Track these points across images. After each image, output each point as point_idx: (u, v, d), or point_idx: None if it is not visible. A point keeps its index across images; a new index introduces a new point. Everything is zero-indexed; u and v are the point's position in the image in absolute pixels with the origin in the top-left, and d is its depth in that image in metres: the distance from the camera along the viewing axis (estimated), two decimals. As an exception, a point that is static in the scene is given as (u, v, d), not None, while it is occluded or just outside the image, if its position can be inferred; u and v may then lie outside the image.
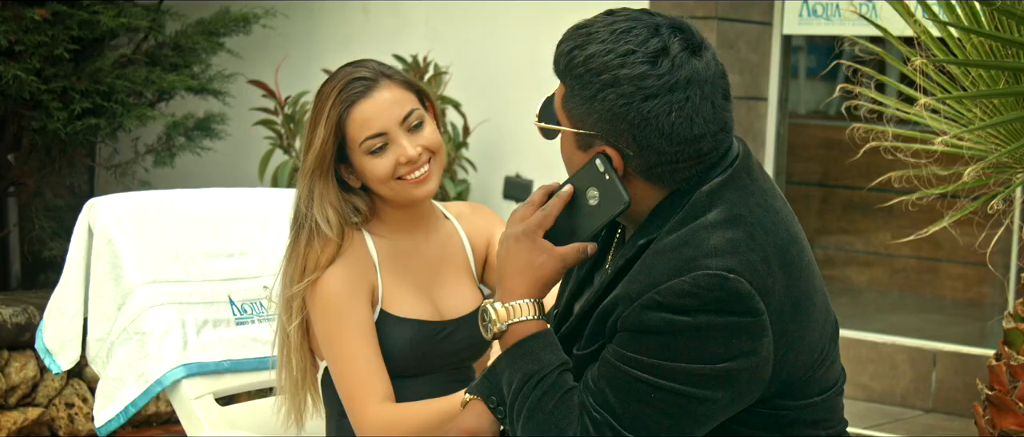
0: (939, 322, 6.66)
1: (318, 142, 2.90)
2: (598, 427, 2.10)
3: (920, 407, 5.70)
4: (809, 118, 7.00)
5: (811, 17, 5.90)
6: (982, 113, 3.37)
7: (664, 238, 2.14)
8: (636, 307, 2.09)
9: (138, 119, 5.76)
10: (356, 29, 6.90)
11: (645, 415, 2.09)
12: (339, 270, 2.89)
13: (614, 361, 2.11)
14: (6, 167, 6.04)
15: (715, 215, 2.14)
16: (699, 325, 2.06)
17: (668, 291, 2.06)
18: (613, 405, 2.10)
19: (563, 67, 2.17)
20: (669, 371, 2.07)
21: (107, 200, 3.30)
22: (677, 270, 2.08)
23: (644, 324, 2.08)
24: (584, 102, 2.14)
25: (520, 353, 2.20)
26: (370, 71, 2.95)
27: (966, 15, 3.36)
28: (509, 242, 2.23)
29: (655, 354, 2.07)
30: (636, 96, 2.11)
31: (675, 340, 2.06)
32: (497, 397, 2.24)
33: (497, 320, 2.23)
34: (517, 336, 2.22)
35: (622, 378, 2.10)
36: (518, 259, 2.22)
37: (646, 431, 2.09)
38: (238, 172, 6.94)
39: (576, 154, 2.21)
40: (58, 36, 5.56)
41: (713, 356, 2.06)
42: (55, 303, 3.33)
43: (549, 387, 2.16)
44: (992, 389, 3.45)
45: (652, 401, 2.08)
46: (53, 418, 5.40)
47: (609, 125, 2.14)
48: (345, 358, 2.87)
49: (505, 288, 2.23)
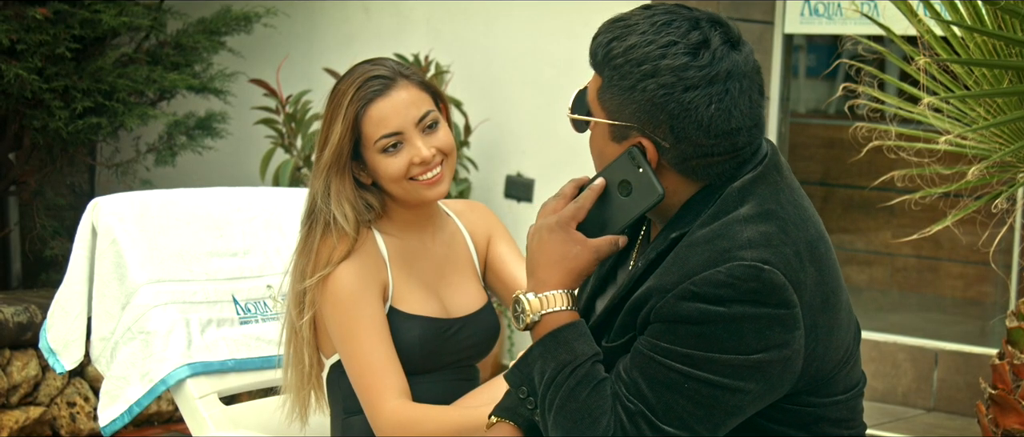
0: (940, 321, 6.66)
1: (335, 138, 2.91)
2: (632, 417, 2.11)
3: (922, 406, 5.70)
4: (810, 117, 7.00)
5: (813, 16, 5.90)
6: (985, 112, 3.37)
7: (696, 231, 2.15)
8: (671, 298, 2.10)
9: (139, 118, 5.76)
10: (357, 28, 6.90)
11: (678, 405, 2.10)
12: (351, 266, 2.90)
13: (648, 352, 2.12)
14: (7, 166, 6.04)
15: (747, 210, 2.15)
16: (734, 316, 2.07)
17: (703, 281, 2.08)
18: (647, 395, 2.11)
19: (601, 58, 2.18)
20: (703, 361, 2.08)
21: (111, 199, 3.30)
22: (712, 261, 2.09)
23: (679, 314, 2.09)
24: (622, 93, 2.16)
25: (554, 343, 2.20)
26: (388, 70, 2.96)
27: (969, 14, 3.36)
28: (542, 233, 2.24)
29: (689, 344, 2.09)
30: (677, 87, 2.13)
31: (710, 330, 2.08)
32: (528, 387, 2.23)
33: (530, 310, 2.22)
34: (550, 326, 2.22)
35: (656, 368, 2.11)
36: (552, 250, 2.23)
37: (679, 421, 2.10)
38: (239, 171, 6.94)
39: (609, 146, 2.22)
40: (60, 35, 5.56)
41: (747, 347, 2.08)
42: (59, 303, 3.33)
43: (582, 377, 2.16)
44: (995, 388, 3.45)
45: (685, 391, 2.09)
46: (55, 417, 5.40)
47: (647, 116, 2.15)
48: (361, 354, 2.87)
49: (538, 278, 2.23)
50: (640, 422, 2.11)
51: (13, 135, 5.85)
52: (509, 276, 3.16)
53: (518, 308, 2.24)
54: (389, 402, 2.85)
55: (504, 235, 3.21)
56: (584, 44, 6.48)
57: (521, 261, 3.19)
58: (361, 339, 2.88)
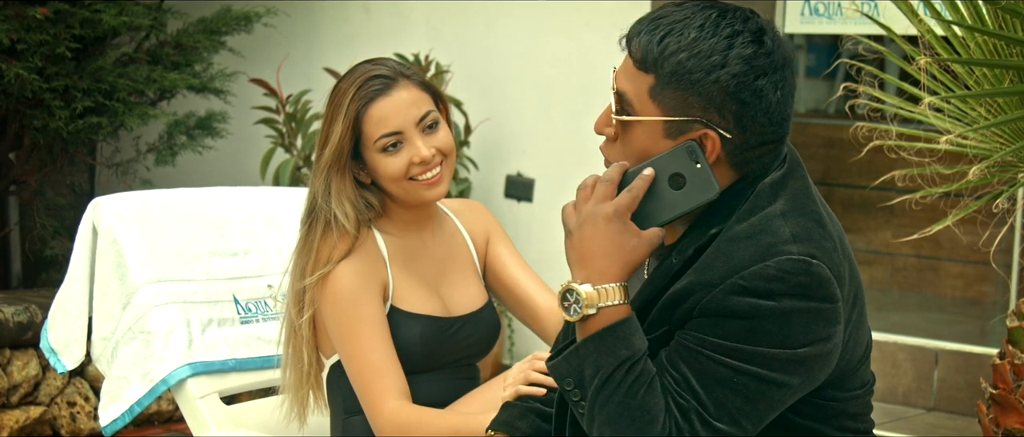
0: (941, 321, 6.66)
1: (336, 137, 2.92)
2: (685, 414, 2.11)
3: (922, 406, 5.70)
4: (810, 117, 7.00)
5: (813, 16, 5.90)
6: (986, 112, 3.37)
7: (733, 227, 2.16)
8: (719, 292, 2.10)
9: (140, 118, 5.76)
10: (357, 28, 6.90)
11: (727, 400, 2.11)
12: (351, 266, 2.91)
13: (695, 347, 2.12)
14: (7, 166, 6.04)
15: (782, 205, 2.17)
16: (783, 310, 2.09)
17: (753, 276, 2.09)
18: (698, 391, 2.11)
19: (654, 58, 2.16)
20: (751, 356, 2.09)
21: (111, 199, 3.30)
22: (758, 256, 2.10)
23: (728, 309, 2.10)
24: (686, 87, 2.14)
25: (613, 338, 2.15)
26: (389, 70, 2.97)
27: (970, 14, 3.36)
28: (597, 221, 2.16)
29: (738, 338, 2.09)
30: (749, 75, 2.13)
31: (760, 324, 2.09)
32: (575, 379, 2.17)
33: (587, 303, 2.15)
34: (608, 320, 2.16)
35: (705, 363, 2.11)
36: (609, 240, 2.16)
37: (728, 417, 2.11)
38: (239, 171, 6.94)
39: (660, 144, 2.19)
40: (60, 35, 5.56)
41: (794, 341, 2.10)
42: (60, 303, 3.33)
43: (639, 374, 2.13)
44: (996, 388, 3.45)
45: (735, 386, 2.10)
46: (55, 417, 5.40)
47: (716, 106, 2.14)
48: (360, 353, 2.87)
49: (596, 269, 2.16)
50: (694, 419, 2.11)
51: (13, 135, 5.85)
52: (510, 278, 3.16)
53: (571, 298, 2.17)
54: (389, 402, 2.85)
55: (502, 236, 3.21)
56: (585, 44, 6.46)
57: (520, 263, 3.19)
58: (361, 338, 2.88)
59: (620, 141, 2.22)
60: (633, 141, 2.21)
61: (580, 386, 2.17)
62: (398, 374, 2.88)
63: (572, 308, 2.16)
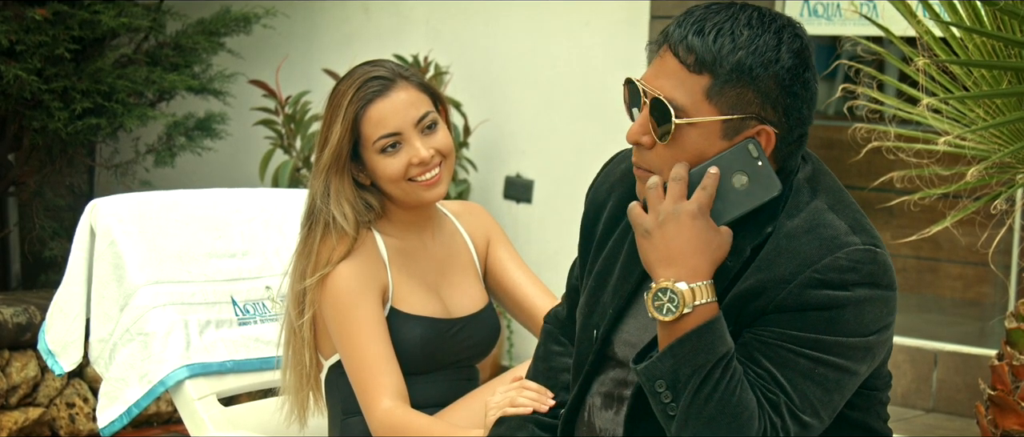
0: (940, 322, 6.65)
1: (335, 139, 2.93)
2: (776, 408, 2.14)
3: (921, 407, 5.70)
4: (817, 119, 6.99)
5: (812, 17, 5.89)
6: (984, 113, 3.37)
7: (785, 224, 2.19)
8: (795, 287, 2.13)
9: (139, 119, 5.76)
10: (357, 29, 6.90)
11: (809, 391, 2.15)
12: (350, 267, 2.91)
13: (775, 342, 2.15)
14: (7, 167, 6.04)
15: (825, 200, 2.21)
16: (858, 299, 2.13)
17: (827, 268, 2.12)
18: (783, 384, 2.14)
19: (713, 58, 2.17)
20: (830, 346, 2.13)
21: (109, 201, 3.30)
22: (826, 249, 2.14)
23: (806, 302, 2.13)
24: (744, 85, 2.17)
25: (711, 336, 2.14)
26: (388, 71, 2.98)
27: (968, 15, 3.36)
28: (682, 218, 2.16)
29: (817, 330, 2.13)
30: (799, 67, 2.19)
31: (837, 315, 2.13)
32: (668, 381, 2.15)
33: (684, 302, 2.14)
34: (704, 318, 2.15)
35: (786, 357, 2.14)
36: (697, 237, 2.16)
37: (811, 409, 2.15)
38: (238, 172, 6.93)
39: (717, 144, 2.20)
40: (59, 36, 5.56)
41: (866, 328, 2.15)
42: (57, 304, 3.33)
43: (734, 371, 2.14)
44: (994, 389, 3.45)
45: (815, 377, 2.14)
46: (54, 418, 5.39)
47: (771, 102, 2.18)
48: (358, 352, 2.88)
49: (687, 267, 2.15)
50: (784, 413, 2.14)
51: (12, 136, 5.85)
52: (509, 281, 3.16)
53: (664, 298, 2.15)
54: (383, 401, 2.85)
55: (502, 239, 3.21)
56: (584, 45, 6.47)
57: (520, 266, 3.19)
58: (359, 337, 2.88)
59: (669, 147, 2.20)
60: (687, 144, 2.20)
61: (673, 387, 2.15)
62: (394, 373, 2.88)
63: (665, 308, 2.15)
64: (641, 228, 2.19)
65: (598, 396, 2.41)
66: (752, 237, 2.21)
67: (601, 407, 2.40)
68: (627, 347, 2.36)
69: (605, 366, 2.41)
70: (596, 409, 2.41)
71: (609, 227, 2.45)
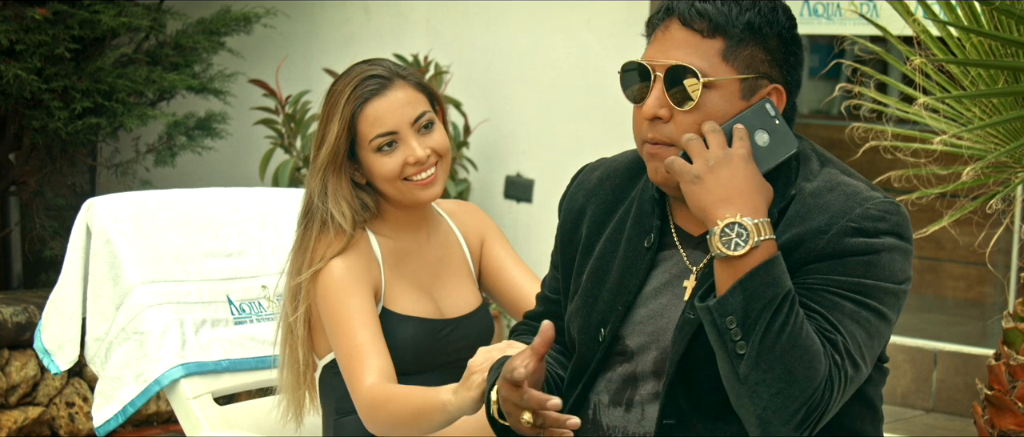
0: (941, 322, 6.65)
1: (332, 137, 2.93)
2: (836, 347, 2.19)
3: (921, 407, 5.69)
4: (812, 117, 6.99)
5: (812, 17, 5.89)
6: (981, 113, 3.36)
7: (805, 186, 2.27)
8: (833, 236, 2.20)
9: (139, 118, 5.76)
10: (357, 28, 6.90)
11: (857, 335, 2.21)
12: (344, 261, 2.92)
13: (821, 287, 2.20)
14: (7, 166, 6.04)
15: (835, 168, 2.32)
16: (889, 247, 2.22)
17: (861, 217, 2.20)
18: (836, 324, 2.19)
19: (725, 20, 2.25)
20: (871, 290, 2.21)
21: (105, 200, 3.30)
22: (854, 202, 2.22)
23: (845, 249, 2.20)
24: (756, 43, 2.27)
25: (777, 269, 2.17)
26: (385, 70, 2.98)
27: (966, 15, 3.35)
28: (735, 161, 2.20)
29: (858, 274, 2.20)
30: (793, 24, 2.31)
31: (874, 260, 2.20)
32: (739, 317, 2.16)
33: (754, 234, 2.16)
34: (769, 252, 2.18)
35: (833, 300, 2.20)
36: (752, 178, 2.21)
37: (858, 352, 2.21)
38: (239, 171, 6.94)
39: (737, 105, 2.27)
40: (59, 35, 5.56)
41: (897, 276, 2.23)
42: (53, 303, 3.33)
43: (799, 308, 2.19)
44: (991, 389, 3.44)
45: (860, 319, 2.21)
46: (54, 417, 5.40)
47: (778, 60, 2.29)
48: (347, 337, 2.88)
49: (748, 204, 2.18)
50: (843, 352, 2.19)
51: (13, 135, 5.86)
52: (506, 279, 3.16)
53: (731, 232, 2.16)
54: (368, 381, 2.84)
55: (498, 237, 3.21)
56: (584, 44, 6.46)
57: (518, 263, 3.19)
58: (349, 325, 2.88)
59: (692, 112, 2.26)
60: (710, 107, 2.26)
61: (743, 324, 2.16)
62: (381, 356, 2.87)
63: (734, 243, 2.17)
64: (690, 175, 2.21)
65: (605, 394, 2.42)
66: (777, 200, 2.26)
67: (609, 405, 2.41)
68: (642, 336, 2.38)
69: (612, 363, 2.42)
70: (603, 407, 2.41)
71: (594, 231, 2.48)
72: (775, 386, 2.14)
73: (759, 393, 2.15)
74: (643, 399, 2.38)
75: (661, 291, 2.38)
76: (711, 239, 2.17)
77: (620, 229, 2.43)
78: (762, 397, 2.15)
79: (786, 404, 2.15)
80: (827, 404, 2.17)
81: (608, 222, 2.46)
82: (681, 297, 2.36)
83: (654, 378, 2.37)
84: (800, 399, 2.14)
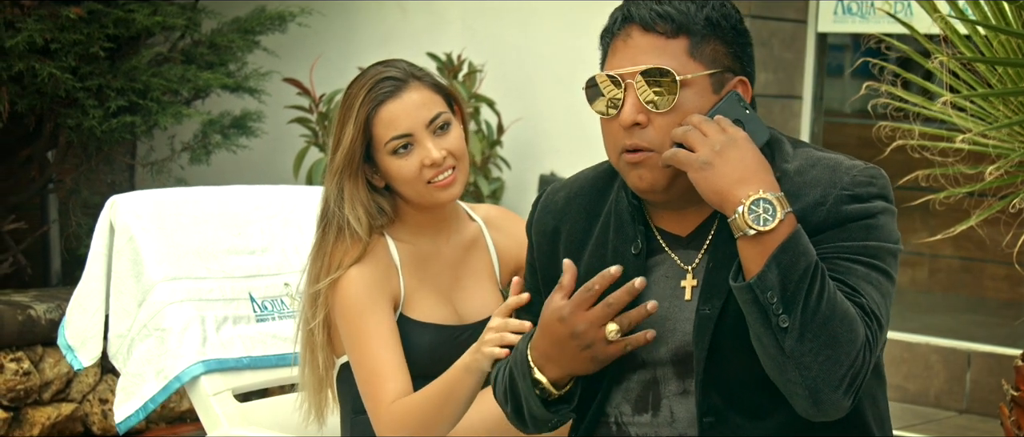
0: (977, 323, 6.59)
1: (347, 141, 2.91)
2: (863, 309, 2.21)
3: (954, 408, 5.65)
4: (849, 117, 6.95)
5: (846, 15, 5.86)
6: (1009, 111, 3.33)
7: (786, 169, 2.29)
8: (830, 206, 2.24)
9: (173, 117, 5.78)
10: (392, 27, 6.91)
11: (874, 295, 2.23)
12: (362, 274, 2.90)
13: (832, 255, 2.23)
14: (45, 164, 6.08)
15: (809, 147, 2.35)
16: (882, 209, 2.26)
17: (852, 183, 2.25)
18: (856, 288, 2.22)
19: (685, 20, 2.28)
20: (875, 251, 2.25)
21: (129, 197, 3.32)
22: (842, 171, 2.26)
23: (844, 216, 2.24)
24: (715, 39, 2.30)
25: (805, 240, 2.19)
26: (400, 71, 2.96)
27: (994, 13, 3.33)
28: (740, 142, 2.22)
29: (860, 238, 2.24)
30: (740, 17, 2.34)
31: (872, 223, 2.25)
32: (778, 291, 2.16)
33: (780, 207, 2.17)
34: (793, 224, 2.20)
35: (846, 266, 2.23)
36: (759, 158, 2.24)
37: (879, 311, 2.24)
38: (274, 170, 6.96)
39: (709, 99, 2.30)
40: (94, 34, 5.59)
41: (893, 237, 2.28)
42: (77, 300, 3.35)
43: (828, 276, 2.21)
44: (1018, 390, 3.41)
45: (872, 280, 2.24)
46: (87, 413, 5.43)
47: (736, 52, 2.32)
48: (367, 359, 2.87)
49: (764, 181, 2.19)
50: (870, 314, 2.21)
51: (49, 134, 5.89)
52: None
53: (758, 209, 2.17)
54: (387, 403, 2.84)
55: None
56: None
57: None
58: (367, 345, 2.87)
59: (671, 113, 2.27)
60: (687, 106, 2.28)
61: (784, 297, 2.16)
62: (403, 377, 2.86)
63: (762, 218, 2.18)
64: (698, 162, 2.21)
65: (625, 404, 2.39)
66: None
67: (633, 414, 2.38)
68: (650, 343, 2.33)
69: (624, 374, 2.38)
70: (627, 417, 2.38)
71: (573, 251, 2.44)
72: (822, 353, 2.16)
73: (807, 364, 2.16)
74: (670, 398, 2.35)
75: (660, 296, 2.34)
76: (737, 219, 2.18)
77: (602, 243, 2.40)
78: (811, 368, 2.16)
79: (834, 370, 2.16)
80: (868, 366, 2.20)
81: (587, 240, 2.43)
82: (682, 297, 2.34)
83: (676, 378, 2.34)
84: (846, 363, 2.16)
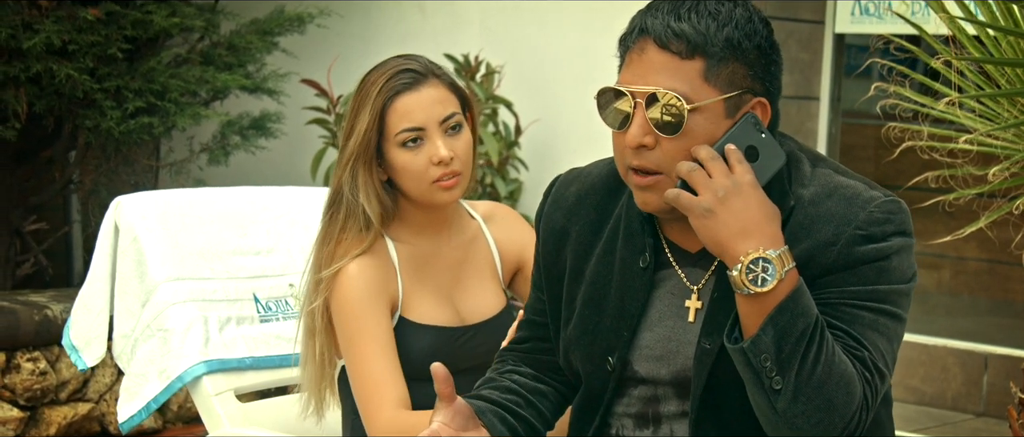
0: (997, 325, 6.55)
1: (362, 126, 2.89)
2: (864, 363, 2.16)
3: (971, 411, 5.62)
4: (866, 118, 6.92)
5: (863, 16, 5.84)
6: (1016, 111, 3.32)
7: (802, 194, 2.21)
8: (842, 247, 2.16)
9: (191, 118, 5.80)
10: (411, 28, 6.92)
11: (879, 343, 2.17)
12: (362, 273, 2.88)
13: (837, 301, 2.17)
14: (66, 165, 6.11)
15: (827, 167, 2.25)
16: (898, 248, 2.18)
17: (866, 223, 2.16)
18: (859, 338, 2.16)
19: (703, 41, 2.16)
20: (885, 294, 2.17)
21: (133, 198, 3.33)
22: (858, 205, 2.18)
23: (856, 258, 2.16)
24: (736, 60, 2.18)
25: (805, 299, 2.11)
26: (420, 65, 2.95)
27: (1003, 13, 3.31)
28: (745, 189, 2.12)
29: (871, 282, 2.16)
30: (770, 33, 2.23)
31: (885, 265, 2.17)
32: (773, 354, 2.10)
33: (779, 267, 2.10)
34: (794, 282, 2.12)
35: (852, 313, 2.16)
36: (764, 206, 2.14)
37: (882, 358, 2.18)
38: (292, 171, 6.97)
39: (722, 124, 2.19)
40: (111, 36, 5.61)
41: (906, 274, 2.20)
42: (82, 300, 3.37)
43: (828, 334, 2.14)
44: (1025, 393, 3.39)
45: (879, 327, 2.17)
46: (103, 413, 5.45)
47: (758, 73, 2.20)
48: (361, 362, 2.86)
49: (767, 235, 2.10)
50: (871, 366, 2.16)
51: (68, 135, 5.92)
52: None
53: (756, 268, 2.09)
54: (385, 412, 2.83)
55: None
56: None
57: None
58: (362, 348, 2.86)
59: (679, 139, 2.17)
60: (696, 131, 2.17)
61: (778, 360, 2.10)
62: (398, 385, 2.85)
63: (761, 279, 2.10)
64: (700, 209, 2.12)
65: (627, 419, 2.36)
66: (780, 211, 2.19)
67: (635, 428, 2.36)
68: (650, 361, 2.32)
69: (626, 389, 2.36)
70: (629, 431, 2.36)
71: (581, 254, 2.39)
72: (815, 416, 2.10)
73: (799, 425, 2.11)
74: (669, 416, 2.33)
75: (665, 314, 2.31)
76: (735, 276, 2.10)
77: (610, 250, 2.35)
78: (803, 429, 2.11)
79: (827, 431, 2.11)
80: (865, 424, 2.15)
81: (595, 243, 2.37)
82: (685, 318, 2.30)
83: (676, 397, 2.31)
84: (840, 424, 2.11)
